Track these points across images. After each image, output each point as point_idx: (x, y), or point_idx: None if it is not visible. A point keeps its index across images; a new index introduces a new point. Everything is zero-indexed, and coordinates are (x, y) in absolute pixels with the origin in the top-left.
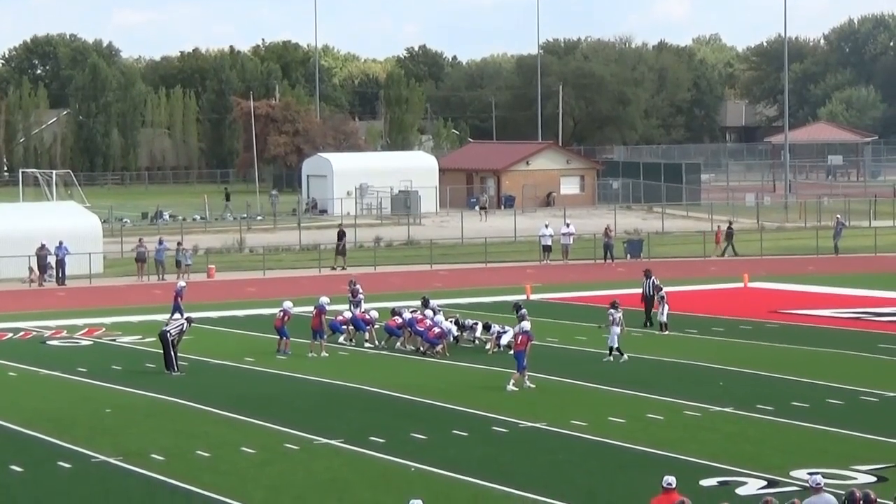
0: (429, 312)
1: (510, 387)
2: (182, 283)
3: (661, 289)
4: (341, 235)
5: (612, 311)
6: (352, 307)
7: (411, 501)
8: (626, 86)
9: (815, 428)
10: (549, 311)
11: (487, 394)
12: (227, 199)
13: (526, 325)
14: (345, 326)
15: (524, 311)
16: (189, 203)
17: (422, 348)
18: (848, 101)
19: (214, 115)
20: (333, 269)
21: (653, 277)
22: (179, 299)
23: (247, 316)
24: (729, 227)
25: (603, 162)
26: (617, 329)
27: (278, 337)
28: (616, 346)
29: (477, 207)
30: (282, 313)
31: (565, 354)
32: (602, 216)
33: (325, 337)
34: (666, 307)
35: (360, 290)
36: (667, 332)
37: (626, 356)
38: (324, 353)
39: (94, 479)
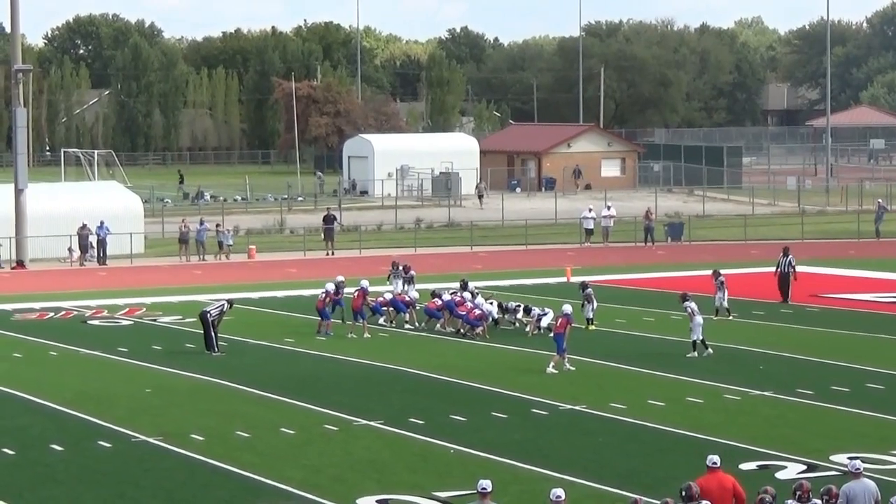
0: (467, 295)
1: (550, 369)
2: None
3: (795, 268)
4: (329, 220)
5: (687, 304)
6: (404, 284)
7: (480, 482)
8: (668, 68)
9: (855, 412)
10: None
11: (527, 376)
12: (182, 181)
13: (567, 308)
14: (385, 308)
15: (590, 290)
16: (230, 183)
17: (462, 330)
18: (890, 84)
19: (256, 95)
20: (327, 254)
21: (790, 256)
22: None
23: (287, 296)
24: None
25: (644, 145)
26: (700, 319)
27: (319, 318)
28: (700, 338)
29: (476, 195)
30: (324, 294)
31: (605, 337)
32: (643, 199)
33: (366, 318)
34: (726, 292)
35: (412, 269)
36: (731, 318)
37: (709, 350)
38: (366, 335)
39: (134, 459)
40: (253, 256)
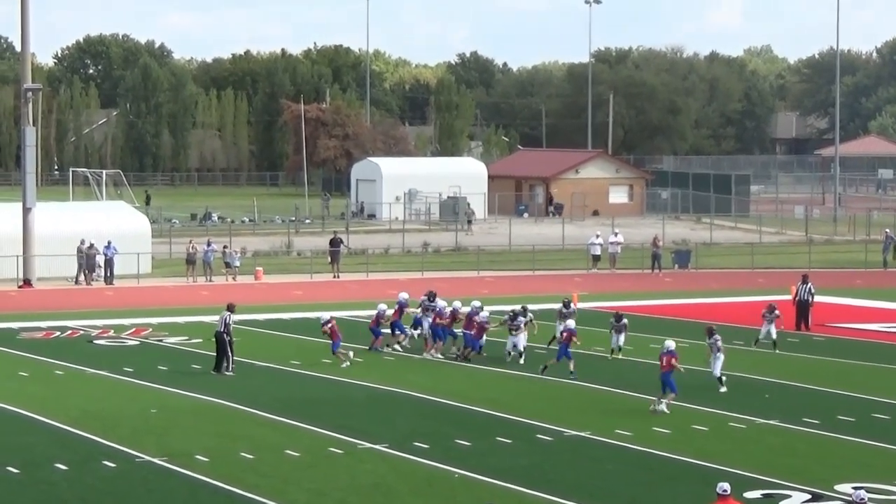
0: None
1: (662, 408)
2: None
3: (814, 295)
4: (335, 243)
5: (714, 337)
6: (423, 320)
7: None
8: (677, 95)
9: (860, 442)
10: (595, 319)
11: (533, 402)
12: (148, 202)
13: (670, 343)
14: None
15: (625, 321)
16: (238, 205)
17: (462, 352)
18: None
19: (265, 117)
20: (334, 277)
21: (809, 283)
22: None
23: (293, 319)
24: None
25: (652, 172)
26: (721, 356)
27: (394, 333)
28: (718, 375)
29: (466, 220)
30: (393, 308)
31: (611, 363)
32: (650, 226)
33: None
34: (774, 325)
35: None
36: (776, 351)
37: (724, 388)
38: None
39: (138, 479)
40: (260, 278)
